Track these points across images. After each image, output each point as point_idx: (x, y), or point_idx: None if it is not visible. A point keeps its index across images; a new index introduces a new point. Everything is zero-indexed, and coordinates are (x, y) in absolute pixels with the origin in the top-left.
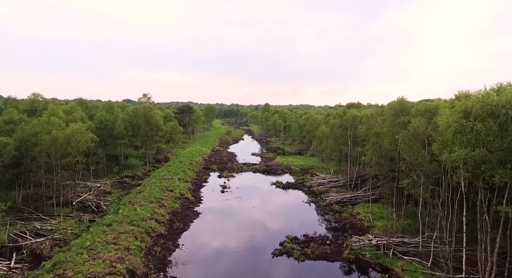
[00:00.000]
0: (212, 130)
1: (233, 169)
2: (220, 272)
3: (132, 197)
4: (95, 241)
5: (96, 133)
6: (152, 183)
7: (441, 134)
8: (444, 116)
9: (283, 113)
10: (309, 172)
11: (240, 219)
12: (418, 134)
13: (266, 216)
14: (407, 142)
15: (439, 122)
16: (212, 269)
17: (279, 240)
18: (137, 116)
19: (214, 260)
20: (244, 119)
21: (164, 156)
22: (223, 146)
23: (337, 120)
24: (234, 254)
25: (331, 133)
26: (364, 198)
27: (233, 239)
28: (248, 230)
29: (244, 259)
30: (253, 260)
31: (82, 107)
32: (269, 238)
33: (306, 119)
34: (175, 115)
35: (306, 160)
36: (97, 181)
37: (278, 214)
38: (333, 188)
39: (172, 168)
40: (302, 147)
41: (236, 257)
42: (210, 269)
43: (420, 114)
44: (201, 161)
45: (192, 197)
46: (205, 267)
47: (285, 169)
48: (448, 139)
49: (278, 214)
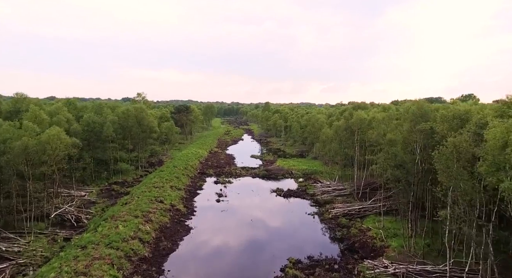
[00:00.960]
0: (211, 130)
1: (231, 174)
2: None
3: (116, 210)
4: (62, 272)
5: (83, 136)
6: (141, 192)
7: (491, 153)
8: (497, 130)
9: (284, 113)
10: (311, 178)
11: (236, 235)
12: (460, 152)
13: (265, 231)
14: (443, 161)
15: (487, 136)
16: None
17: (280, 262)
18: (128, 117)
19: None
20: (244, 118)
21: (159, 159)
22: (222, 147)
23: (342, 122)
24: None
25: (335, 136)
26: (374, 210)
27: (227, 261)
28: (244, 249)
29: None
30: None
31: (70, 108)
32: (269, 260)
33: (308, 120)
34: (172, 115)
35: (308, 163)
36: (83, 188)
37: (279, 228)
38: (339, 197)
39: (165, 174)
40: (303, 148)
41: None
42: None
43: (446, 121)
44: (197, 164)
45: (184, 208)
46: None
47: (286, 173)
48: (504, 160)
49: (279, 228)
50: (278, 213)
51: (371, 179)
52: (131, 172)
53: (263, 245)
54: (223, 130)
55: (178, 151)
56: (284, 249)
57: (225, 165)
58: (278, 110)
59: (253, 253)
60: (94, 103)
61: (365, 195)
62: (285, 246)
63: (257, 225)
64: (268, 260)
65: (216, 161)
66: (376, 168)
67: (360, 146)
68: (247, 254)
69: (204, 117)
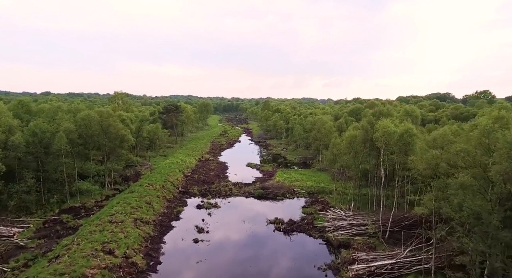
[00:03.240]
0: (206, 130)
1: (220, 193)
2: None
3: (34, 273)
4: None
5: (27, 150)
6: (87, 232)
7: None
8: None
9: (285, 113)
10: (319, 200)
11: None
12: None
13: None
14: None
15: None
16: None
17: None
18: (90, 125)
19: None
20: (244, 115)
21: (136, 171)
22: (214, 153)
23: (360, 133)
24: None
25: (349, 149)
26: (415, 266)
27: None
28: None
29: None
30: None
31: (22, 110)
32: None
33: (313, 124)
34: (159, 116)
35: (313, 176)
36: (19, 221)
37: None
38: (358, 236)
39: (135, 197)
40: (307, 155)
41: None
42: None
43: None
44: (180, 179)
45: (143, 260)
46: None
47: (287, 192)
48: None
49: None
50: (276, 265)
51: (401, 211)
52: (95, 192)
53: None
54: (219, 130)
55: (164, 159)
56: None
57: (214, 179)
58: (278, 109)
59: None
60: (53, 105)
61: (395, 234)
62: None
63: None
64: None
65: (204, 172)
66: (422, 209)
67: (386, 166)
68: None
69: (199, 116)
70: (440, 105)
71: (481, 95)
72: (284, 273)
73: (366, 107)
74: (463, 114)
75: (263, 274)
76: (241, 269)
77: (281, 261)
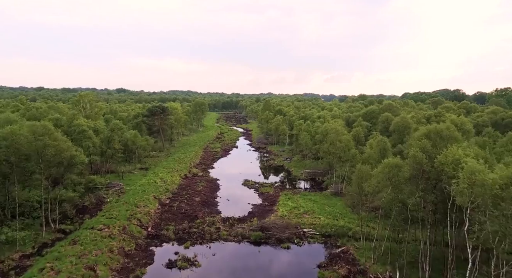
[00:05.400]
0: (201, 132)
1: (203, 235)
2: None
3: None
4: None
5: None
6: None
7: None
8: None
9: (288, 116)
10: (342, 253)
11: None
12: None
13: None
14: None
15: None
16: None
17: None
18: (19, 145)
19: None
20: (244, 113)
21: (99, 197)
22: (206, 164)
23: (408, 167)
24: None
25: (385, 182)
26: None
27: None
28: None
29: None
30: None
31: None
32: None
33: (324, 134)
34: (143, 120)
35: (327, 204)
36: None
37: None
38: None
39: (76, 250)
40: (317, 168)
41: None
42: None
43: None
44: (153, 212)
45: None
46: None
47: (294, 235)
48: None
49: None
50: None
51: None
52: (26, 240)
53: None
54: (216, 132)
55: (143, 175)
56: None
57: (199, 208)
58: (280, 111)
59: None
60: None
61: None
62: None
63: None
64: None
65: (188, 197)
66: None
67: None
68: None
69: (193, 116)
70: (471, 108)
71: (502, 92)
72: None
73: (384, 110)
74: (505, 120)
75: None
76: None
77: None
